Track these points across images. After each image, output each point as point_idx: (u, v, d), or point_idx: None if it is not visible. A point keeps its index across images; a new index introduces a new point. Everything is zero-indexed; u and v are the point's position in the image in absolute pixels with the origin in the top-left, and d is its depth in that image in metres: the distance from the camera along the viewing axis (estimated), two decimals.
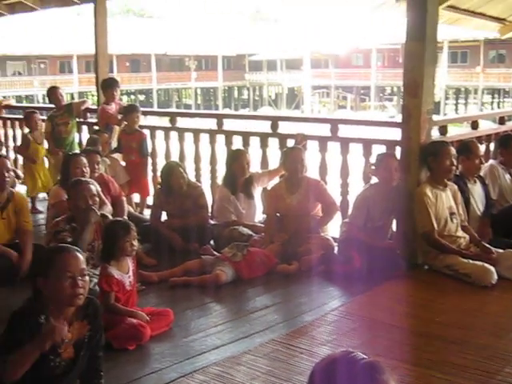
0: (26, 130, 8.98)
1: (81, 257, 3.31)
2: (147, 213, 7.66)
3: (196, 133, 7.73)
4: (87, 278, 3.31)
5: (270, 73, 58.81)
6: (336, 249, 6.15)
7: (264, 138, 7.15)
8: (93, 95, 44.76)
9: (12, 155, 9.96)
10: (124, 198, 6.95)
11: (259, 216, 7.03)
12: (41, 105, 30.90)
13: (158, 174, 7.45)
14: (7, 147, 9.91)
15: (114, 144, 8.07)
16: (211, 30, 56.26)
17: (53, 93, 8.82)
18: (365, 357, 1.85)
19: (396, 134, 6.06)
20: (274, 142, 7.09)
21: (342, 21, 55.79)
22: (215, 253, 5.95)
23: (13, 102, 11.97)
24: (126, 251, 4.54)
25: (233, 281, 5.63)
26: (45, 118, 8.91)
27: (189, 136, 7.79)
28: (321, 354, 4.14)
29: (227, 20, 67.40)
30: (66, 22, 48.94)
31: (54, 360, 3.26)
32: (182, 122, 8.22)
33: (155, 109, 41.77)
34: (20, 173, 8.50)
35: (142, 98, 56.61)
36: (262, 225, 6.68)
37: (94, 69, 9.06)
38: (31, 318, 3.18)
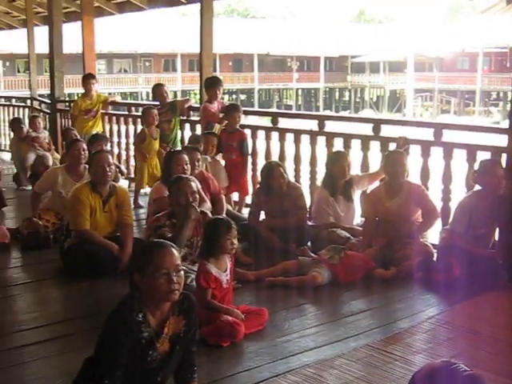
0: (132, 128, 9.19)
1: (176, 253, 3.35)
2: (245, 212, 7.73)
3: (297, 133, 7.71)
4: (182, 273, 3.34)
5: (372, 75, 58.24)
6: (435, 256, 6.02)
7: (365, 140, 7.08)
8: (195, 94, 45.51)
9: (116, 150, 10.22)
10: (223, 196, 7.02)
11: (357, 219, 6.97)
12: (144, 102, 31.60)
13: (258, 173, 7.49)
14: (111, 142, 10.15)
15: None
16: (314, 31, 56.14)
17: (158, 90, 9.01)
18: (467, 369, 1.80)
19: (502, 141, 5.88)
20: (375, 145, 7.01)
21: (447, 23, 54.71)
22: (312, 254, 5.93)
23: (118, 99, 12.26)
24: (226, 249, 4.58)
25: (329, 283, 5.60)
26: None
27: (289, 136, 7.79)
28: (416, 363, 4.08)
29: (330, 21, 67.18)
30: (171, 22, 49.91)
31: (152, 354, 3.33)
32: (283, 123, 8.23)
33: (256, 108, 42.02)
34: (123, 168, 8.71)
35: (243, 97, 57.04)
36: (360, 228, 6.61)
37: (199, 67, 9.19)
38: (129, 315, 3.25)
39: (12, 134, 11.24)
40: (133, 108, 10.45)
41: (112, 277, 5.70)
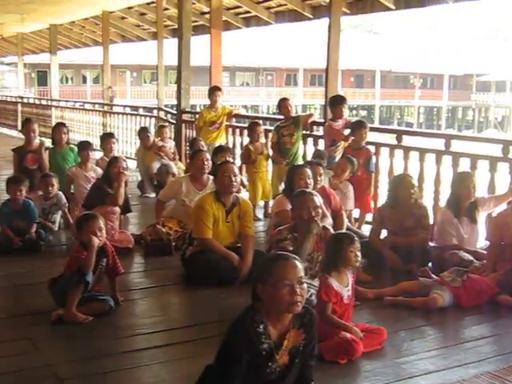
0: (247, 140, 9.31)
1: (299, 265, 3.36)
2: (365, 229, 7.66)
3: (422, 152, 7.60)
4: (305, 286, 3.35)
5: (497, 94, 56.66)
6: None
7: (493, 161, 6.89)
8: (315, 108, 45.62)
9: (238, 162, 10.35)
10: (344, 212, 6.99)
11: (481, 242, 6.76)
12: (265, 115, 31.91)
13: (380, 190, 7.42)
14: (234, 154, 10.30)
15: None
16: (439, 48, 55.22)
17: (283, 103, 9.08)
18: None
19: None
20: (503, 167, 6.81)
21: None
22: (433, 276, 5.80)
23: (243, 112, 12.44)
24: (350, 261, 4.57)
25: (450, 306, 5.45)
26: (268, 128, 9.18)
27: (413, 155, 7.68)
28: None
29: (455, 38, 65.89)
30: (294, 37, 50.24)
31: (271, 366, 3.35)
32: (406, 140, 8.12)
33: (378, 125, 41.60)
34: (245, 180, 8.81)
35: (363, 113, 56.72)
36: (484, 251, 6.41)
37: (325, 83, 9.19)
38: (250, 327, 3.28)
39: (138, 143, 11.57)
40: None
41: (231, 286, 5.78)
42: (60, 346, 4.70)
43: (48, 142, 9.76)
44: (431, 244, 6.66)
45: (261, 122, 9.47)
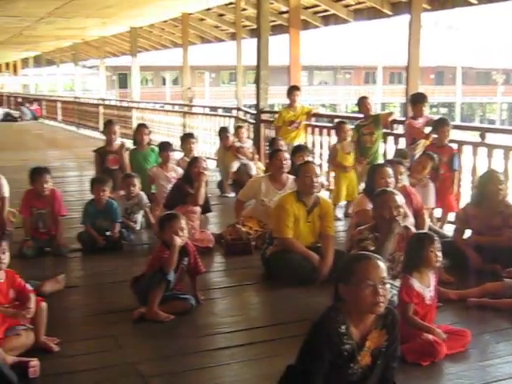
0: (335, 140, 9.25)
1: (382, 265, 3.33)
2: (447, 229, 7.52)
3: (507, 150, 7.42)
4: (388, 286, 3.32)
5: None
6: None
7: None
8: (394, 106, 45.13)
9: (317, 161, 10.32)
10: (425, 212, 6.87)
11: None
12: (342, 113, 31.73)
13: (462, 190, 7.27)
14: (313, 154, 10.26)
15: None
16: None
17: (362, 102, 9.01)
18: None
19: None
20: None
21: None
22: None
23: (320, 111, 12.40)
24: (431, 262, 4.49)
25: None
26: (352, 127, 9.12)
27: (498, 153, 7.51)
28: None
29: None
30: (372, 34, 49.85)
31: (353, 367, 3.33)
32: (489, 138, 7.94)
33: (460, 123, 40.85)
34: (324, 180, 8.76)
35: (443, 110, 55.79)
36: None
37: (406, 81, 9.08)
38: (332, 327, 3.26)
39: (218, 143, 11.67)
40: (335, 120, 10.51)
41: (312, 286, 5.76)
42: (142, 344, 4.78)
43: (129, 143, 9.93)
44: None
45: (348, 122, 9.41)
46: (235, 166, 10.32)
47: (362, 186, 7.54)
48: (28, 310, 4.41)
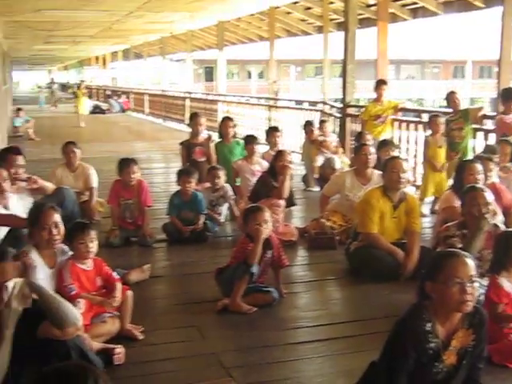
0: (422, 135, 9.10)
1: (471, 263, 3.25)
2: None
3: None
4: (476, 285, 3.24)
5: None
6: None
7: None
8: (483, 101, 44.04)
9: (404, 157, 10.16)
10: None
11: None
12: (433, 108, 31.13)
13: None
14: (400, 149, 10.12)
15: None
16: None
17: (451, 97, 8.82)
18: None
19: None
20: None
21: None
22: None
23: (407, 105, 12.22)
24: None
25: None
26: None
27: None
28: None
29: None
30: (461, 27, 48.81)
31: (438, 366, 3.27)
32: None
33: None
34: (411, 176, 8.61)
35: None
36: None
37: (497, 75, 8.86)
38: (417, 325, 3.22)
39: (303, 137, 11.64)
40: (422, 115, 10.35)
41: (396, 282, 5.69)
42: (225, 335, 4.82)
43: (214, 136, 10.01)
44: None
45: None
46: (320, 160, 10.28)
47: (450, 181, 7.38)
48: (114, 299, 4.50)
